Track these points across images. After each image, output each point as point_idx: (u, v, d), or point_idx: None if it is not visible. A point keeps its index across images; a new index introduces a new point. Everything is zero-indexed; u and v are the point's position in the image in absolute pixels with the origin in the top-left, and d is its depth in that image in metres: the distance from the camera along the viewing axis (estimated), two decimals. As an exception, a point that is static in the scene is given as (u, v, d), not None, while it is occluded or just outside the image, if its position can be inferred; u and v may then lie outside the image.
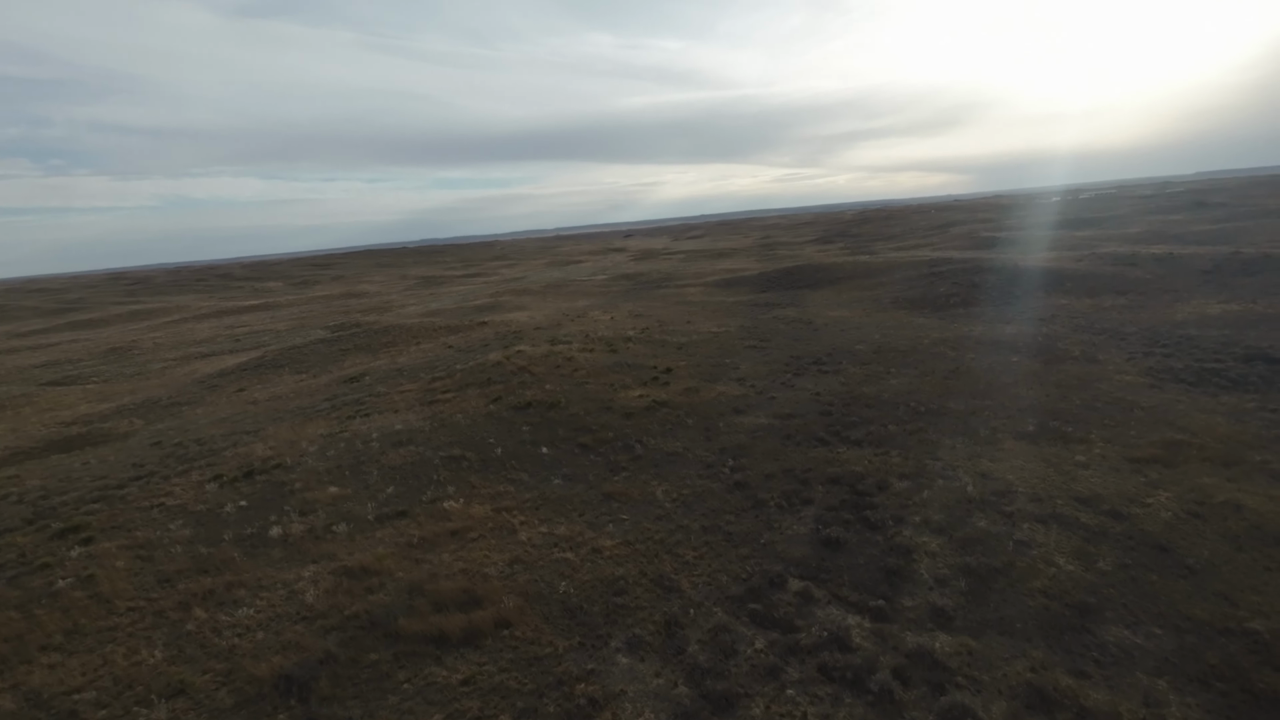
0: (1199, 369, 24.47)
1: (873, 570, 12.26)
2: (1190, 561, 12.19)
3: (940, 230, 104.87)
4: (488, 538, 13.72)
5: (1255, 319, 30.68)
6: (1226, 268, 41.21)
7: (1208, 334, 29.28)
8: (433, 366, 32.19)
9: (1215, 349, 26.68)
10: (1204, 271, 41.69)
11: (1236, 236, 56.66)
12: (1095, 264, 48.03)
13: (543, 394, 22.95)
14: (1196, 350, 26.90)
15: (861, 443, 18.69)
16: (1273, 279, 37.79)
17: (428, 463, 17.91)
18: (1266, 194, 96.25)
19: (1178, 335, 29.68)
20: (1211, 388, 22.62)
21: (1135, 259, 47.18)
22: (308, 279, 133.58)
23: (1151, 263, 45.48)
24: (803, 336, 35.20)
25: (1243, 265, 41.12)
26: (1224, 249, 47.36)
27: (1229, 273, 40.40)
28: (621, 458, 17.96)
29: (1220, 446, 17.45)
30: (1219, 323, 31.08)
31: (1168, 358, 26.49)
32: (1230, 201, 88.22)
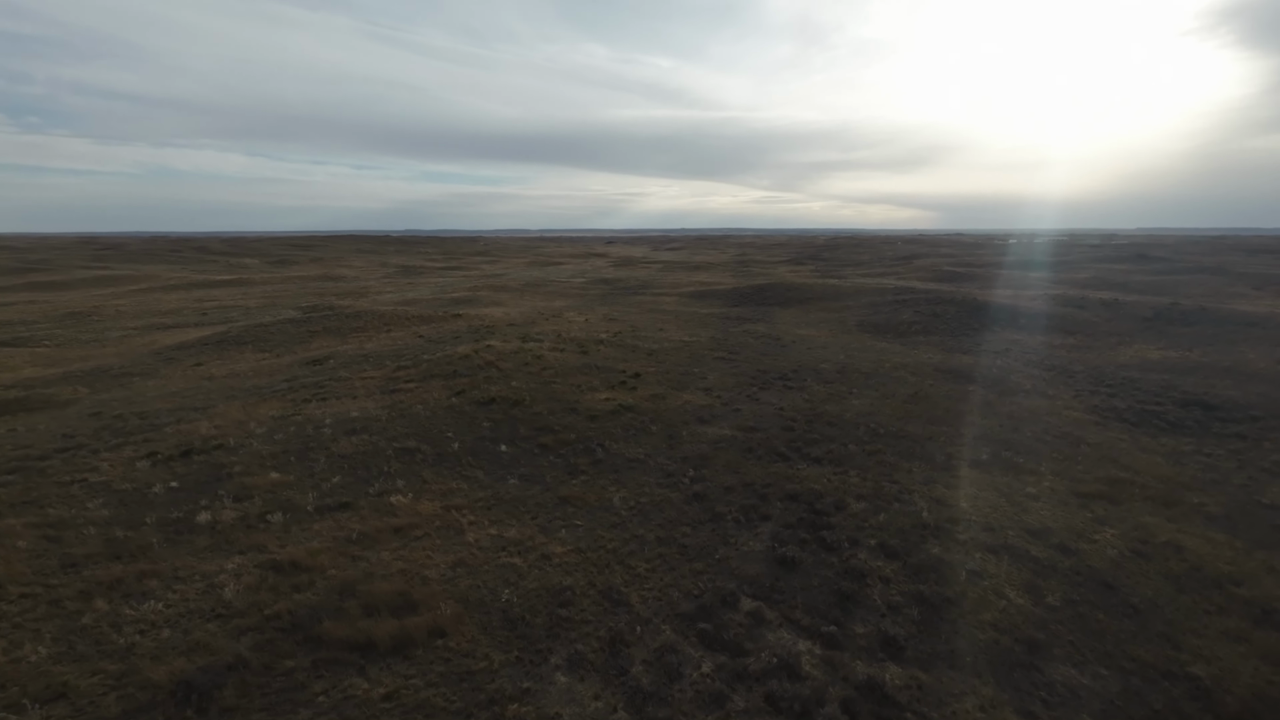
0: (1140, 410, 24.79)
1: (826, 593, 11.63)
2: (1135, 600, 11.89)
3: (905, 261, 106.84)
4: (433, 537, 12.64)
5: (1191, 366, 31.47)
6: (1166, 316, 42.46)
7: (1148, 377, 29.85)
8: (399, 355, 30.73)
9: (1156, 392, 27.14)
10: (1145, 319, 42.88)
11: (1175, 289, 58.79)
12: (1047, 304, 49.09)
13: (508, 390, 21.88)
14: (1138, 392, 27.33)
15: (821, 460, 18.18)
16: (1207, 330, 39.02)
17: (380, 453, 16.69)
18: (1202, 252, 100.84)
19: (1121, 376, 30.19)
20: (1152, 429, 22.89)
21: (1084, 302, 48.38)
22: (285, 258, 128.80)
23: (1099, 307, 46.66)
24: (770, 352, 34.83)
25: (1181, 315, 42.43)
26: (1164, 299, 48.96)
27: (1168, 321, 41.61)
28: (581, 460, 17.04)
29: (1161, 486, 17.46)
30: (1159, 367, 31.78)
31: (1112, 397, 26.85)
32: (1169, 256, 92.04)
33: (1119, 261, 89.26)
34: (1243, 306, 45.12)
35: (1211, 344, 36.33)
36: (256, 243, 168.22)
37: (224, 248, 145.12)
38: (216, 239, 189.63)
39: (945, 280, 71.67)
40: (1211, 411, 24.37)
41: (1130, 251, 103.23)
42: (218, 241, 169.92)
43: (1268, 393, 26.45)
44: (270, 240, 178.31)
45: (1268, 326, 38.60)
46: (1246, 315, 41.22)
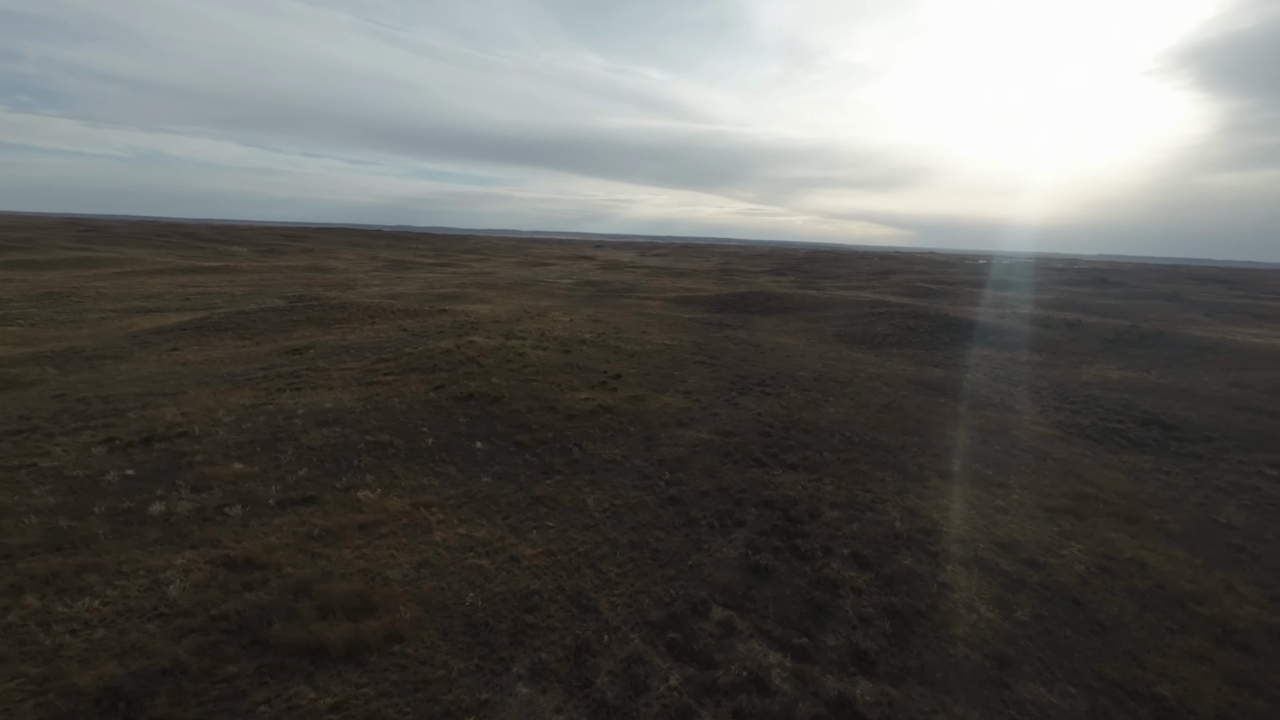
0: (1103, 427, 24.88)
1: (798, 603, 11.13)
2: (1101, 617, 11.60)
3: (881, 276, 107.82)
4: (399, 535, 11.87)
5: (1150, 387, 31.82)
6: (1126, 338, 43.11)
7: (1109, 395, 30.08)
8: (381, 347, 29.71)
9: (1117, 410, 27.31)
10: (1106, 340, 43.49)
11: (1133, 313, 59.95)
12: (1015, 322, 49.61)
13: (487, 387, 21.11)
14: (1100, 410, 27.47)
15: (797, 467, 17.75)
16: (1164, 352, 39.65)
17: (351, 446, 15.83)
18: (1158, 280, 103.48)
19: (1084, 394, 30.39)
20: (1114, 446, 22.92)
21: (1050, 322, 48.97)
22: (275, 248, 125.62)
23: (1063, 327, 47.25)
24: (750, 358, 34.48)
25: (1139, 338, 43.10)
26: (1124, 322, 49.77)
27: (1127, 343, 42.24)
28: (557, 460, 16.36)
29: (1123, 503, 17.35)
30: (1119, 386, 32.09)
31: (1076, 414, 26.94)
32: (1128, 282, 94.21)
33: (1081, 285, 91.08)
34: (1196, 332, 46.05)
35: (1168, 366, 36.90)
36: (247, 231, 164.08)
37: (213, 234, 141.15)
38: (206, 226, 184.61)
39: (919, 296, 72.29)
40: (1170, 431, 24.53)
41: (1092, 276, 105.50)
42: (207, 228, 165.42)
43: (1221, 415, 26.75)
44: (261, 229, 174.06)
45: (1219, 351, 39.34)
46: (1200, 340, 42.00)
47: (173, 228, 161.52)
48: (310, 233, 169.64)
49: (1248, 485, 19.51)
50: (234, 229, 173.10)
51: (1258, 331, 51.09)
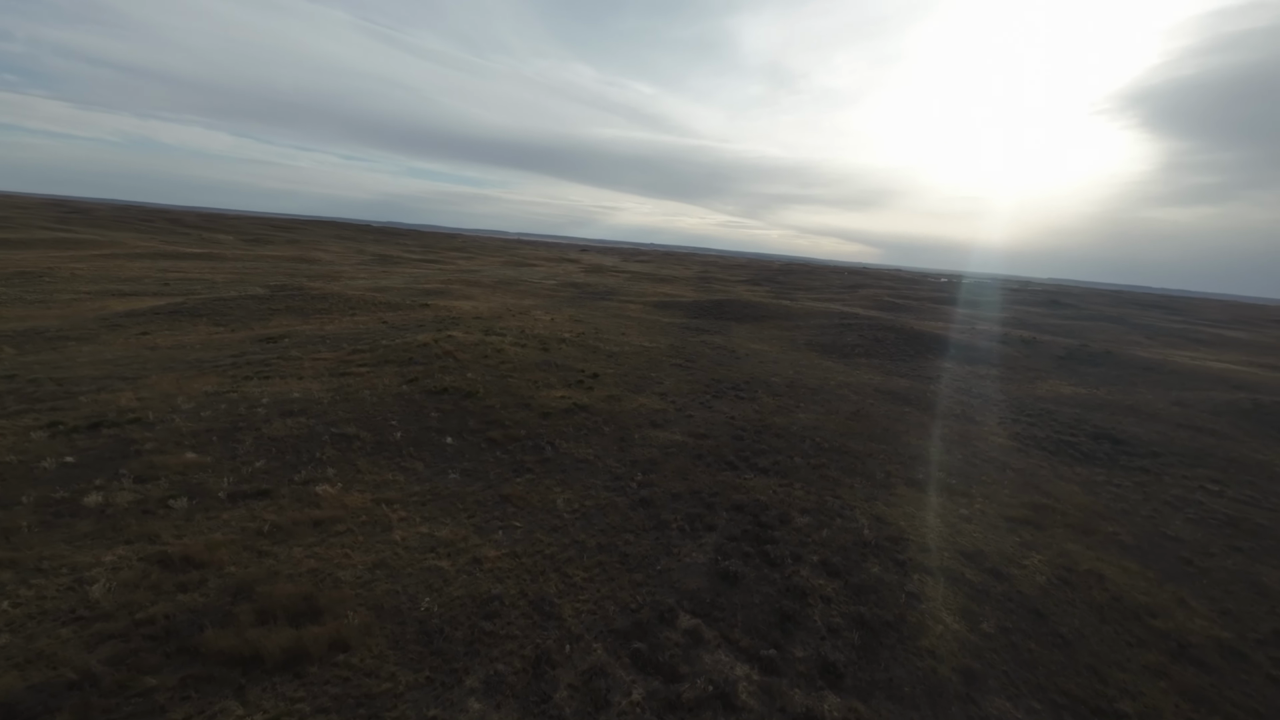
0: (1058, 440, 24.93)
1: (767, 611, 10.47)
2: (1063, 630, 11.21)
3: (851, 290, 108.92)
4: (356, 533, 10.88)
5: (1100, 403, 32.22)
6: (1077, 357, 43.84)
7: (1063, 410, 30.32)
8: (358, 339, 28.37)
9: (1070, 424, 27.47)
10: (1059, 357, 44.18)
11: (1082, 333, 61.34)
12: (975, 338, 50.19)
13: (462, 381, 20.08)
14: (1055, 423, 27.60)
15: (768, 471, 17.16)
16: (1112, 371, 40.39)
17: (315, 438, 14.71)
18: (1104, 303, 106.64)
19: (1039, 408, 30.57)
20: (1068, 458, 22.93)
21: (1007, 339, 49.64)
22: (262, 237, 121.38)
23: (1019, 344, 47.91)
24: (725, 362, 33.97)
25: (1089, 357, 43.89)
26: (1074, 341, 50.76)
27: (1078, 361, 42.95)
28: (529, 458, 15.48)
29: (1079, 514, 17.18)
30: (1071, 401, 32.42)
31: (1032, 426, 27.01)
32: (1077, 304, 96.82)
33: (1035, 305, 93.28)
34: (1140, 353, 47.14)
35: (1115, 384, 37.53)
36: (234, 220, 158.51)
37: (199, 221, 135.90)
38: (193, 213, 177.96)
39: (886, 309, 72.98)
40: (1119, 445, 24.70)
41: (1045, 297, 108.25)
42: (194, 215, 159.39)
43: (1165, 431, 27.10)
44: (248, 219, 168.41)
45: (1162, 372, 40.24)
46: (1144, 360, 42.95)
47: (158, 213, 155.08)
48: (299, 224, 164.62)
49: (1192, 500, 19.59)
50: (221, 217, 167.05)
51: (1194, 354, 52.62)
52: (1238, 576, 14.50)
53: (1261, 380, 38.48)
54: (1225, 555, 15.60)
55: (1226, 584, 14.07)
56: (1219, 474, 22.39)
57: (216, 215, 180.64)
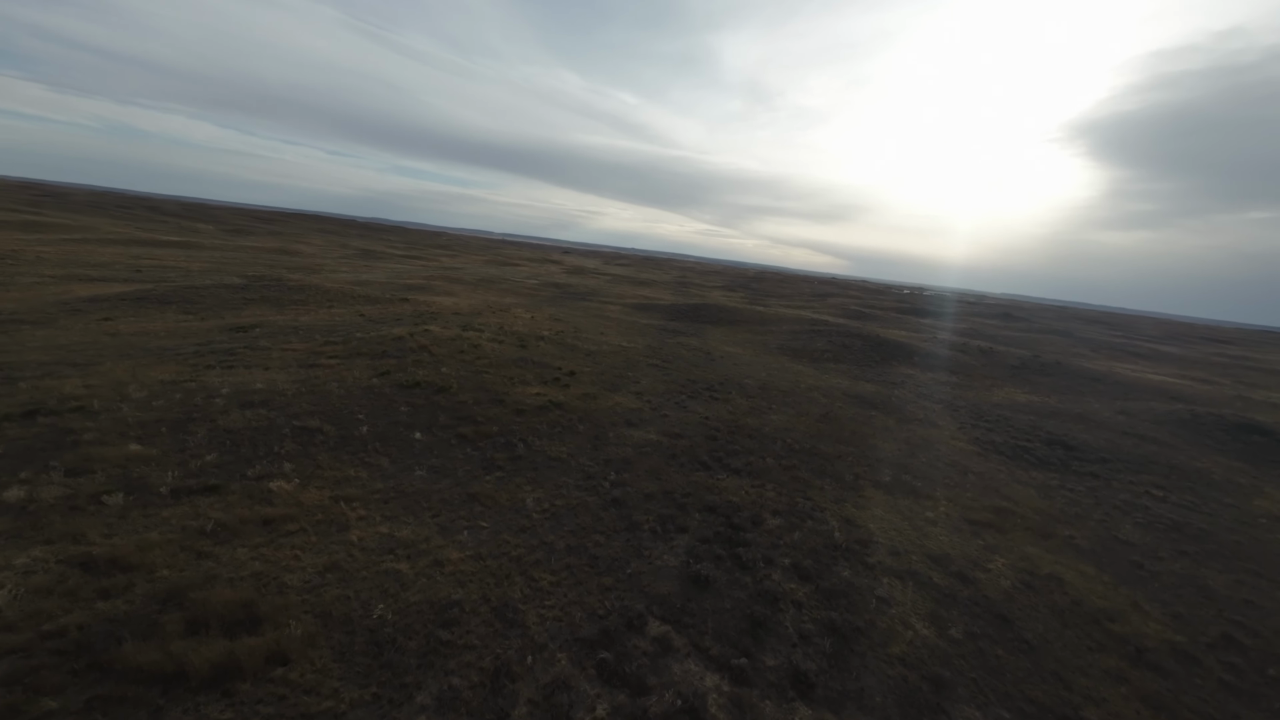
0: (1014, 445, 25.06)
1: (738, 617, 9.84)
2: (1028, 636, 10.88)
3: (820, 298, 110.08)
4: (309, 532, 9.86)
5: (1051, 410, 32.71)
6: (1029, 366, 44.70)
7: (1018, 417, 30.65)
8: (333, 330, 26.92)
9: (1025, 430, 27.71)
10: (1013, 367, 44.97)
11: (1033, 344, 62.84)
12: (936, 346, 50.83)
13: (436, 376, 19.02)
14: (1011, 429, 27.82)
15: (741, 472, 16.60)
16: (1062, 381, 41.23)
17: (275, 431, 13.54)
18: (1052, 317, 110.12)
19: (996, 414, 30.85)
20: (1024, 463, 23.01)
21: (965, 348, 50.40)
22: (243, 228, 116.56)
23: (977, 353, 48.68)
24: (700, 364, 33.46)
25: (1040, 367, 44.79)
26: (1027, 352, 51.85)
27: (1031, 371, 43.77)
28: (500, 455, 14.57)
29: (1037, 518, 17.07)
30: (1025, 409, 32.84)
31: (990, 431, 27.15)
32: (1029, 318, 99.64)
33: (990, 318, 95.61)
34: (1087, 364, 48.39)
35: (1065, 393, 38.28)
36: (215, 210, 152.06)
37: (178, 210, 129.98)
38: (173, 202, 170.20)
39: (853, 318, 73.71)
40: (1071, 452, 24.94)
41: (998, 311, 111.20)
42: (174, 204, 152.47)
43: (1112, 439, 27.55)
44: (230, 210, 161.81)
45: (1107, 382, 41.26)
46: (1091, 371, 44.02)
47: (136, 200, 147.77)
48: (281, 217, 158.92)
49: (1139, 504, 19.74)
50: (202, 207, 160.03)
51: (1134, 367, 54.34)
52: (1185, 580, 14.49)
53: (1196, 393, 39.76)
54: (1173, 559, 15.63)
55: (1176, 588, 14.02)
56: (1162, 480, 22.73)
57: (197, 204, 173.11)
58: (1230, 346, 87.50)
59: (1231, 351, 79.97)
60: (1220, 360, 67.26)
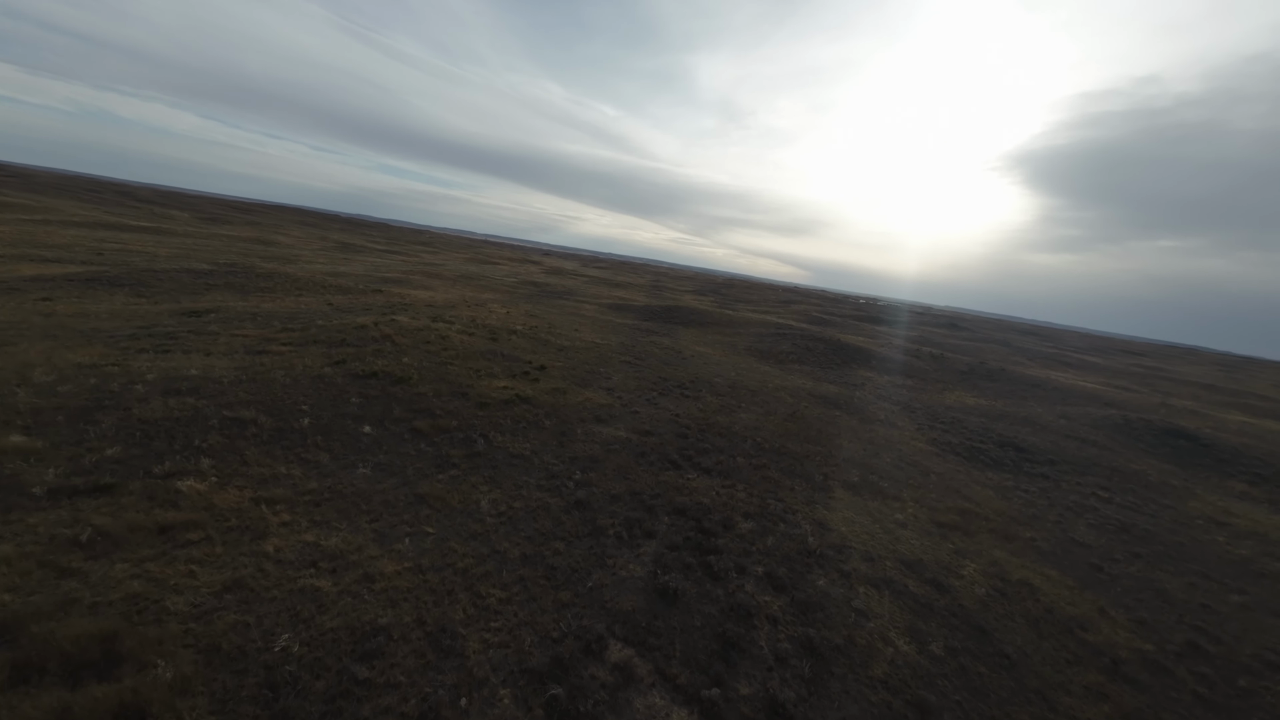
0: (969, 446, 24.51)
1: (709, 637, 8.38)
2: (1008, 649, 9.77)
3: (784, 305, 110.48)
4: (215, 542, 7.92)
5: (999, 414, 32.59)
6: (977, 372, 44.98)
7: (970, 419, 30.32)
8: (294, 317, 24.39)
9: (978, 432, 27.29)
10: (962, 372, 45.19)
11: (977, 352, 63.92)
12: (891, 352, 50.84)
13: (396, 366, 16.99)
14: (965, 431, 27.36)
15: (711, 471, 15.20)
16: (1006, 386, 41.51)
17: (199, 421, 11.40)
18: (992, 329, 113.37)
19: (950, 416, 30.46)
20: (980, 464, 22.41)
21: (918, 354, 50.56)
22: (220, 217, 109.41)
23: (929, 359, 48.84)
24: (672, 362, 32.08)
25: (987, 373, 45.13)
26: (974, 359, 52.43)
27: (979, 376, 44.02)
28: (457, 452, 12.75)
29: (999, 520, 16.25)
30: (976, 412, 32.63)
31: (946, 433, 26.60)
32: (972, 328, 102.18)
33: (938, 327, 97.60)
34: (1028, 371, 49.15)
35: (1010, 397, 38.46)
36: (193, 199, 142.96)
37: (153, 196, 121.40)
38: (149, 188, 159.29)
39: (815, 323, 73.75)
40: (1022, 453, 24.54)
41: (945, 321, 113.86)
42: (149, 190, 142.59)
43: (1057, 442, 27.39)
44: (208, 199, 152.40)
45: (1047, 388, 41.75)
46: (1032, 378, 44.58)
47: (109, 185, 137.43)
48: (261, 207, 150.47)
49: (1088, 506, 19.25)
50: (179, 194, 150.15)
51: (1067, 375, 55.65)
52: (1143, 584, 13.79)
53: (1124, 399, 40.58)
54: (1128, 562, 14.98)
55: (1135, 591, 13.29)
56: (1105, 482, 22.45)
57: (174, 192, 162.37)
58: (1144, 358, 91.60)
59: (1146, 363, 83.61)
60: (1138, 370, 69.95)
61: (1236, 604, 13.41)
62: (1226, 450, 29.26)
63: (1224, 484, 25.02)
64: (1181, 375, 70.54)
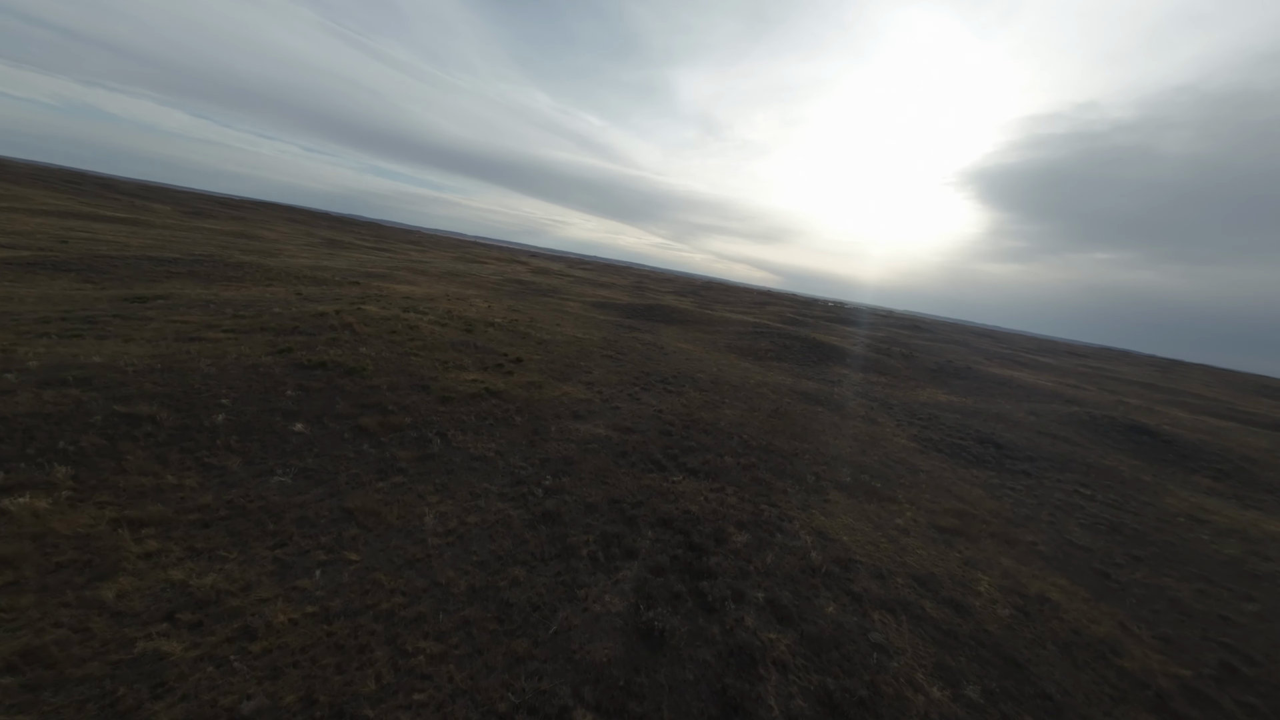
0: (951, 443, 22.94)
1: (705, 696, 6.16)
2: (1048, 688, 7.82)
3: (760, 306, 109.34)
4: (26, 587, 5.34)
5: (972, 410, 31.31)
6: (945, 370, 43.98)
7: (945, 415, 28.91)
8: (251, 305, 21.33)
9: (955, 428, 25.83)
10: (931, 370, 44.14)
11: (943, 352, 63.45)
12: (864, 349, 49.62)
13: (350, 356, 14.32)
14: (944, 427, 25.86)
15: (698, 472, 13.02)
16: (974, 384, 40.51)
17: (77, 418, 8.67)
18: (951, 331, 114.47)
19: (926, 413, 29.01)
20: (963, 460, 20.81)
21: (889, 352, 49.45)
22: (204, 211, 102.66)
23: (899, 357, 47.75)
24: (654, 357, 29.88)
25: (954, 371, 44.16)
26: (940, 358, 51.62)
27: (947, 374, 43.00)
28: (406, 454, 10.25)
29: (996, 522, 14.49)
30: (950, 408, 31.29)
31: (925, 429, 25.05)
32: (933, 330, 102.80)
33: (902, 328, 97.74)
34: (991, 369, 48.45)
35: (978, 394, 37.40)
36: (179, 194, 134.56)
37: (136, 189, 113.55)
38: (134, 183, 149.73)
39: (789, 323, 72.49)
40: (1002, 450, 23.09)
41: (908, 323, 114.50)
42: (133, 184, 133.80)
43: (1031, 438, 26.12)
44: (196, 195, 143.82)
45: (1011, 386, 40.91)
46: (996, 376, 43.77)
47: (93, 178, 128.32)
48: (249, 204, 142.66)
49: (1075, 504, 17.74)
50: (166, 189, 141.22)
51: (1024, 373, 55.37)
52: (1153, 592, 12.13)
53: (1084, 397, 39.95)
54: (1131, 566, 13.34)
55: (1149, 602, 11.59)
56: (1084, 478, 21.09)
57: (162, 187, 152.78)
58: (1088, 360, 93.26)
59: (1090, 364, 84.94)
60: (1085, 371, 70.65)
61: (1251, 614, 11.85)
62: (1186, 446, 28.44)
63: (1190, 479, 23.98)
64: (1123, 375, 71.57)
